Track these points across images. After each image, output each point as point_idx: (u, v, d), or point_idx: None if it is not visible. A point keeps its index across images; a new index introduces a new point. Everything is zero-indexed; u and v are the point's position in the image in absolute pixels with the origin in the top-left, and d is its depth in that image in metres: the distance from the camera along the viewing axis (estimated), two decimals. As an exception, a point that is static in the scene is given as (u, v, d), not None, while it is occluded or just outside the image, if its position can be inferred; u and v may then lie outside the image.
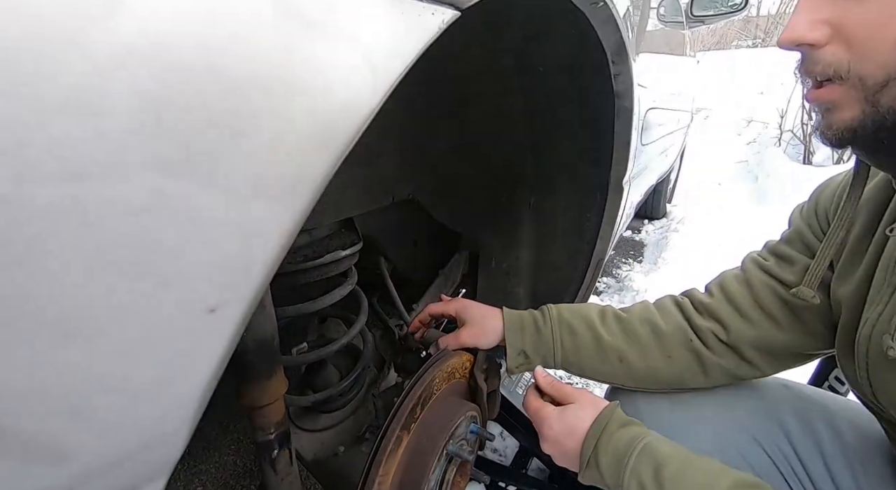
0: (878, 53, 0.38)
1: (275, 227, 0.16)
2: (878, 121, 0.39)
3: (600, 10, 0.48)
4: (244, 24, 0.15)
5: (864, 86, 0.39)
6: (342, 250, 0.66)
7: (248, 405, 0.51)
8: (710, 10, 2.06)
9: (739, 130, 4.74)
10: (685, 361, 0.65)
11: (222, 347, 0.16)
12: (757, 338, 0.61)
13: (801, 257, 0.60)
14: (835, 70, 0.40)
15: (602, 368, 0.68)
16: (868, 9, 0.38)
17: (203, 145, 0.15)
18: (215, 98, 0.15)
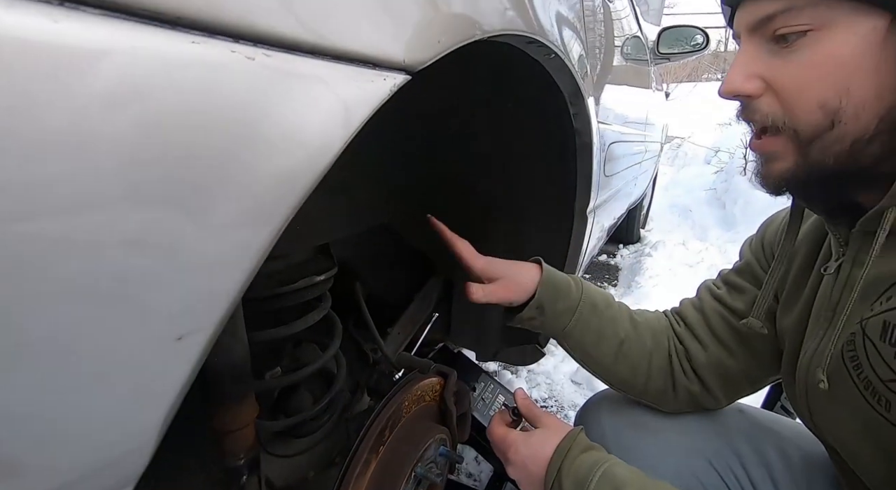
0: (805, 110, 0.41)
1: (244, 257, 0.19)
2: (808, 172, 0.42)
3: (554, 61, 0.53)
4: (219, 73, 0.17)
5: (797, 138, 0.42)
6: (317, 276, 0.67)
7: (218, 430, 0.51)
8: (674, 49, 2.20)
9: (709, 159, 4.95)
10: (662, 377, 0.68)
11: (187, 373, 0.18)
12: (713, 364, 0.65)
13: (750, 287, 0.64)
14: (772, 120, 0.43)
15: (596, 355, 0.69)
16: (794, 69, 0.41)
17: (181, 182, 0.17)
18: (193, 138, 0.17)
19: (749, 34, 0.43)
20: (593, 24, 0.88)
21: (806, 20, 0.39)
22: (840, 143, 0.40)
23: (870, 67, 0.38)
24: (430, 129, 0.79)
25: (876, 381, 0.42)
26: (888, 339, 0.41)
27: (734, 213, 3.45)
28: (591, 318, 0.68)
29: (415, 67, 0.26)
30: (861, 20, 0.37)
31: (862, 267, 0.44)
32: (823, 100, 0.40)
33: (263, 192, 0.19)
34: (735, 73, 0.44)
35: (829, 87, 0.39)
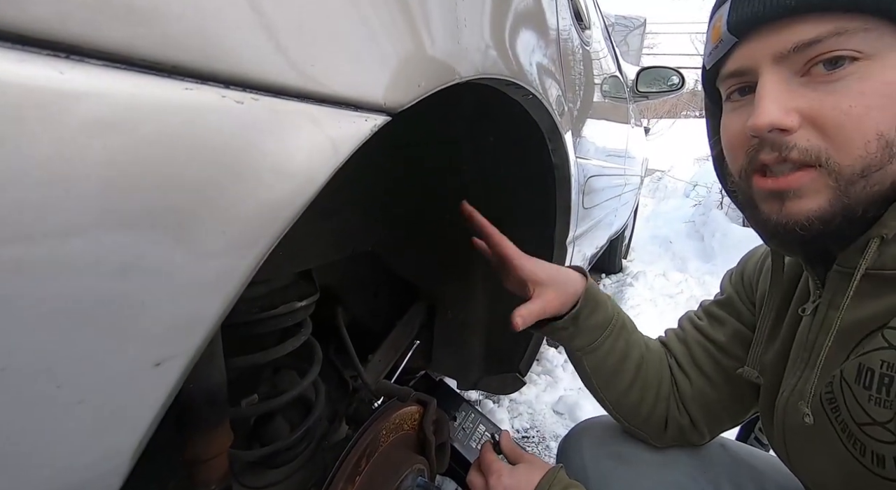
0: (859, 143, 0.37)
1: (225, 283, 0.20)
2: (836, 213, 0.39)
3: (531, 101, 0.56)
4: (209, 115, 0.19)
5: (839, 174, 0.38)
6: (298, 301, 0.68)
7: (190, 459, 0.50)
8: (652, 88, 2.31)
9: (687, 193, 5.11)
10: (665, 409, 0.68)
11: (163, 399, 0.18)
12: (697, 396, 0.66)
13: (731, 320, 0.65)
14: (815, 155, 0.38)
15: (608, 379, 0.67)
16: (847, 98, 0.37)
17: (166, 212, 0.17)
18: (182, 172, 0.18)
19: (774, 64, 0.39)
20: (572, 64, 0.93)
21: (855, 46, 0.36)
22: (882, 182, 0.37)
23: None
24: (415, 160, 0.82)
25: (852, 424, 0.42)
26: (863, 382, 0.41)
27: (712, 245, 3.55)
28: (620, 337, 0.66)
29: (395, 109, 0.28)
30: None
31: (838, 309, 0.43)
32: (882, 130, 0.36)
33: (247, 222, 0.20)
34: (770, 104, 0.38)
35: (889, 117, 0.36)
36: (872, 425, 0.40)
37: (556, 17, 0.75)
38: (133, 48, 0.16)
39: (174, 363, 0.18)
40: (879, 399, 0.39)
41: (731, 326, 0.64)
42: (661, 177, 6.06)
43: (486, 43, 0.43)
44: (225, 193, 0.19)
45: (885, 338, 0.40)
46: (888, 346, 0.39)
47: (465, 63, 0.38)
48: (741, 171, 0.44)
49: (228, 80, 0.19)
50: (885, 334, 0.40)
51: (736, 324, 0.64)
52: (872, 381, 0.40)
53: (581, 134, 0.96)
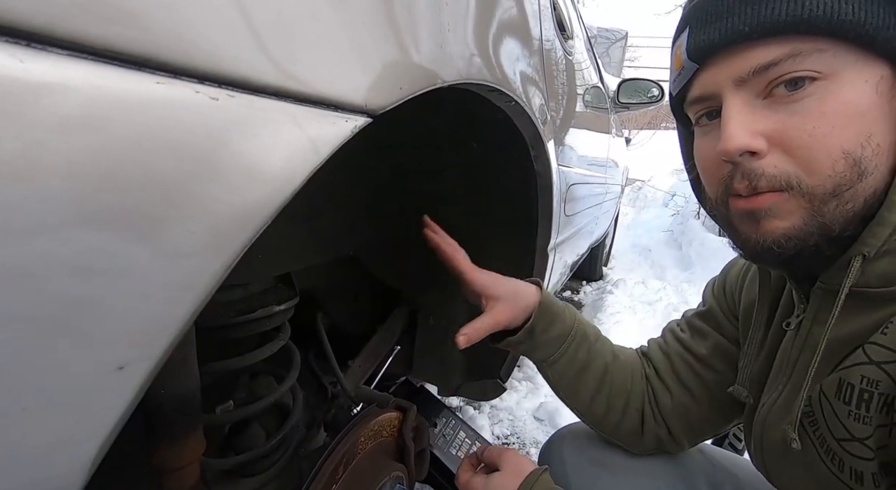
0: (827, 163, 0.37)
1: (195, 285, 0.19)
2: (810, 233, 0.39)
3: (514, 108, 0.56)
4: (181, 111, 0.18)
5: (811, 196, 0.38)
6: (276, 305, 0.66)
7: (160, 467, 0.49)
8: (632, 99, 2.36)
9: (666, 202, 5.22)
10: (633, 419, 0.68)
11: (126, 405, 0.17)
12: (678, 409, 0.66)
13: (713, 333, 0.65)
14: (785, 181, 0.38)
15: (575, 388, 0.68)
16: (809, 119, 0.37)
17: (133, 211, 0.17)
18: (150, 170, 0.17)
19: (735, 88, 0.39)
20: (555, 74, 0.94)
21: (812, 67, 0.36)
22: (854, 200, 0.38)
23: (882, 116, 0.36)
24: (397, 164, 0.81)
25: (830, 439, 0.42)
26: (843, 397, 0.41)
27: (689, 254, 3.62)
28: (580, 349, 0.66)
29: (376, 111, 0.28)
30: (866, 69, 0.36)
31: (822, 325, 0.43)
32: (848, 149, 0.36)
33: (220, 223, 0.19)
34: (736, 128, 0.39)
35: (852, 136, 0.36)
36: (851, 441, 0.40)
37: (540, 27, 0.76)
38: (100, 38, 0.15)
39: (139, 367, 0.17)
40: (859, 415, 0.39)
41: (713, 339, 0.64)
42: (641, 186, 6.19)
43: (469, 48, 0.43)
44: (197, 193, 0.18)
45: (865, 353, 0.40)
46: (869, 362, 0.39)
47: (448, 68, 0.38)
48: (717, 198, 0.45)
49: (203, 75, 0.18)
50: (865, 349, 0.40)
51: (717, 337, 0.64)
52: (852, 397, 0.40)
53: (563, 142, 0.97)
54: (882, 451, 0.38)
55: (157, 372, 0.18)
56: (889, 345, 0.38)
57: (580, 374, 0.67)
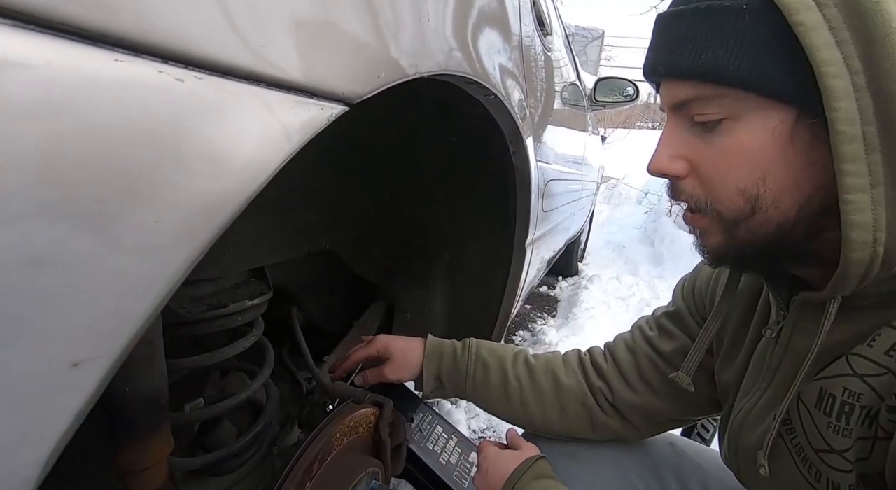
0: (726, 196, 0.40)
1: (156, 280, 0.18)
2: (738, 249, 0.42)
3: (493, 101, 0.56)
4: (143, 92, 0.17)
5: (721, 219, 0.41)
6: (249, 300, 0.65)
7: (124, 468, 0.47)
8: (609, 97, 2.39)
9: (640, 200, 5.34)
10: (577, 415, 0.70)
11: (80, 405, 0.16)
12: (638, 404, 0.67)
13: (680, 334, 0.66)
14: (696, 202, 0.42)
15: (505, 408, 0.73)
16: (714, 155, 0.40)
17: (91, 200, 0.16)
18: (109, 156, 0.16)
19: (671, 112, 0.43)
20: (534, 70, 0.94)
21: (717, 110, 0.39)
22: (765, 226, 0.40)
23: (782, 160, 0.38)
24: (375, 157, 0.80)
25: (808, 449, 0.42)
26: (823, 408, 0.41)
27: (661, 251, 3.72)
28: (485, 377, 0.73)
29: (353, 99, 0.27)
30: (770, 113, 0.37)
31: (802, 334, 0.44)
32: (742, 187, 0.39)
33: (185, 214, 0.18)
34: (661, 153, 0.43)
35: (746, 176, 0.39)
36: (830, 453, 0.40)
37: (520, 21, 0.76)
38: (51, 8, 0.14)
39: (95, 364, 0.16)
40: (839, 427, 0.40)
41: (680, 341, 0.65)
42: (616, 184, 6.31)
43: (448, 39, 0.43)
44: (160, 181, 0.17)
45: (849, 364, 0.40)
46: (853, 374, 0.39)
47: (427, 58, 0.38)
48: None
49: (167, 54, 0.17)
50: (850, 360, 0.40)
51: (684, 339, 0.65)
52: (833, 408, 0.40)
53: (541, 138, 0.98)
54: (861, 463, 0.38)
55: (117, 369, 0.17)
56: (874, 358, 0.38)
57: (499, 397, 0.73)
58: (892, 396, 0.36)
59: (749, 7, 0.35)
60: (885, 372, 0.37)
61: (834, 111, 0.34)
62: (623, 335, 0.74)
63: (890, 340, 0.38)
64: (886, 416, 0.36)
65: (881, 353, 0.38)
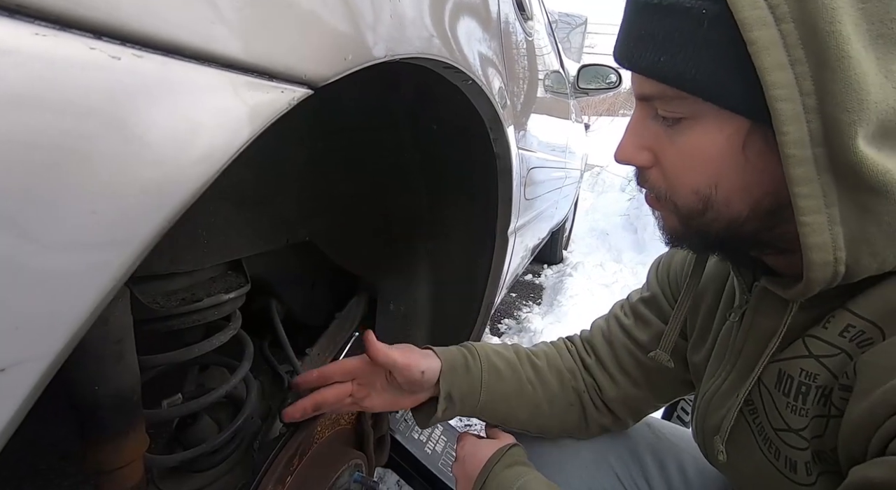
0: (683, 193, 0.41)
1: (90, 284, 0.17)
2: (694, 236, 0.43)
3: (472, 87, 0.55)
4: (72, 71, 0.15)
5: (677, 211, 0.42)
6: (225, 293, 0.63)
7: (96, 468, 0.46)
8: (592, 85, 2.39)
9: (623, 187, 5.38)
10: (577, 415, 0.70)
11: (10, 414, 0.15)
12: (622, 397, 0.68)
13: (655, 321, 0.66)
14: (656, 193, 0.43)
15: (518, 414, 0.68)
16: (675, 152, 0.41)
17: (13, 192, 0.14)
18: (31, 142, 0.14)
19: (639, 101, 0.43)
20: (515, 56, 0.93)
21: (677, 109, 0.39)
22: (717, 222, 0.41)
23: (735, 165, 0.38)
24: (354, 146, 0.78)
25: (769, 428, 0.43)
26: (782, 388, 0.42)
27: (644, 238, 3.77)
28: (498, 386, 0.67)
29: (317, 82, 0.26)
30: (725, 120, 0.37)
31: (764, 317, 0.45)
32: (696, 187, 0.40)
33: (123, 206, 0.17)
34: (627, 142, 0.44)
35: (700, 177, 0.40)
36: (788, 432, 0.42)
37: (498, 5, 0.74)
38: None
39: (24, 368, 0.15)
40: (796, 407, 0.41)
41: (656, 328, 0.65)
42: (600, 172, 6.34)
43: (422, 21, 0.41)
44: (93, 168, 0.16)
45: (805, 346, 0.41)
46: (808, 355, 0.41)
47: (399, 40, 0.36)
48: None
49: (100, 29, 0.16)
50: (805, 342, 0.41)
51: (660, 325, 0.65)
52: (791, 389, 0.41)
53: (523, 126, 0.97)
54: (816, 441, 0.40)
55: (54, 373, 0.16)
56: (829, 339, 0.39)
57: (510, 406, 0.68)
58: (845, 375, 0.37)
59: (708, 13, 0.34)
60: (839, 352, 0.38)
61: (783, 135, 0.33)
62: (599, 323, 0.74)
63: (843, 322, 0.38)
64: (839, 394, 0.37)
65: (835, 335, 0.39)
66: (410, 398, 0.66)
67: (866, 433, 0.33)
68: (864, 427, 0.34)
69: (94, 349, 0.41)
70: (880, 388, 0.33)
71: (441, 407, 0.64)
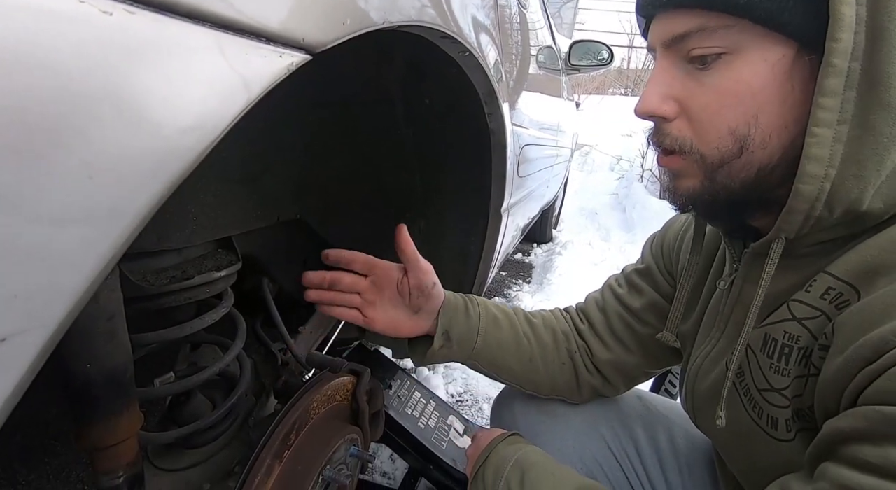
0: (715, 137, 0.40)
1: (89, 254, 0.16)
2: (714, 194, 0.42)
3: (468, 58, 0.53)
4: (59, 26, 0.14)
5: (703, 162, 0.41)
6: (216, 271, 0.62)
7: (90, 446, 0.45)
8: (583, 61, 2.36)
9: (612, 166, 5.39)
10: (569, 374, 0.72)
11: (12, 385, 0.14)
12: (613, 361, 0.70)
13: (648, 289, 0.68)
14: (680, 145, 0.42)
15: (512, 364, 0.71)
16: (708, 94, 0.40)
17: (8, 164, 0.14)
18: (13, 107, 0.14)
19: (664, 50, 0.42)
20: (510, 31, 0.91)
21: (719, 43, 0.38)
22: (746, 170, 0.40)
23: (777, 97, 0.38)
24: (347, 121, 0.77)
25: (753, 389, 0.45)
26: (767, 351, 0.44)
27: (633, 216, 3.80)
28: (495, 333, 0.70)
29: (315, 48, 0.25)
30: (771, 47, 0.37)
31: (752, 284, 0.46)
32: (734, 127, 0.39)
33: (119, 173, 0.16)
34: (651, 92, 0.42)
35: (739, 115, 0.39)
36: (771, 391, 0.43)
37: (494, -25, 0.72)
38: None
39: (25, 339, 0.14)
40: (779, 367, 0.43)
41: (649, 296, 0.68)
42: (590, 151, 6.33)
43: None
44: (86, 136, 0.15)
45: (789, 309, 0.43)
46: (791, 318, 0.42)
47: (397, 8, 0.35)
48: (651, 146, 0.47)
49: (88, -19, 0.15)
50: (790, 306, 0.43)
51: (653, 294, 0.67)
52: (775, 351, 0.43)
53: (517, 102, 0.96)
54: (796, 400, 0.42)
55: (54, 346, 0.15)
56: (811, 302, 0.41)
57: (504, 354, 0.70)
58: (824, 336, 0.38)
59: None
60: (819, 314, 0.40)
61: (835, 41, 0.34)
62: (594, 294, 0.76)
63: (825, 285, 0.40)
64: (818, 354, 0.39)
65: (817, 298, 0.40)
66: (410, 322, 0.69)
67: (840, 387, 0.35)
68: (839, 381, 0.35)
69: (86, 327, 0.41)
70: (853, 345, 0.34)
71: (438, 342, 0.67)
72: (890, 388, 0.31)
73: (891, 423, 0.30)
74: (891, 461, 0.30)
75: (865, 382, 0.33)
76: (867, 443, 0.31)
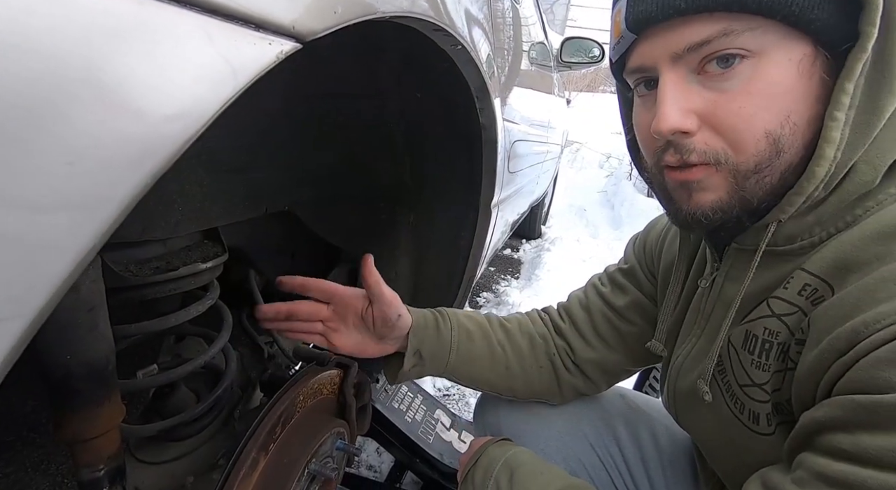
0: (751, 142, 0.39)
1: (69, 242, 0.15)
2: (732, 206, 0.41)
3: (460, 52, 0.53)
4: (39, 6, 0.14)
5: (736, 171, 0.40)
6: (202, 262, 0.61)
7: (70, 438, 0.45)
8: (575, 58, 2.36)
9: (601, 164, 5.43)
10: (548, 377, 0.73)
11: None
12: (596, 359, 0.71)
13: (632, 289, 0.69)
14: (712, 157, 0.40)
15: (488, 375, 0.72)
16: (736, 98, 0.38)
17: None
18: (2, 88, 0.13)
19: (671, 64, 0.40)
20: (502, 26, 0.90)
21: (743, 44, 0.37)
22: (771, 174, 0.40)
23: (804, 95, 0.38)
24: (336, 113, 0.76)
25: (735, 385, 0.46)
26: (748, 347, 0.44)
27: (621, 214, 3.84)
28: (468, 347, 0.70)
29: (306, 36, 0.24)
30: (793, 46, 0.37)
31: (733, 282, 0.47)
32: (770, 129, 0.38)
33: (101, 159, 0.16)
34: (671, 108, 0.39)
35: (774, 116, 0.38)
36: (752, 387, 0.44)
37: (488, -32, 0.71)
38: None
39: (2, 327, 0.14)
40: (760, 363, 0.44)
41: (633, 295, 0.68)
42: (579, 148, 6.37)
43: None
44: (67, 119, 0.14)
45: (769, 306, 0.43)
46: (771, 315, 0.43)
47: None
48: (653, 166, 0.46)
49: (69, -41, 0.14)
50: (769, 303, 0.43)
51: (637, 294, 0.68)
52: (755, 347, 0.44)
53: (508, 97, 0.96)
54: (776, 394, 0.43)
55: (32, 334, 0.15)
56: (789, 298, 0.42)
57: (480, 367, 0.71)
58: (801, 331, 0.39)
59: None
60: (796, 310, 0.41)
61: (872, 26, 0.35)
62: (577, 293, 0.77)
63: (801, 282, 0.41)
64: (795, 349, 0.40)
65: (794, 294, 0.41)
66: (377, 345, 0.68)
67: (815, 379, 0.36)
68: (814, 373, 0.36)
69: (66, 317, 0.40)
70: (827, 338, 0.35)
71: (409, 362, 0.67)
72: (862, 378, 0.32)
73: (864, 411, 0.31)
74: (863, 448, 0.31)
75: (839, 373, 0.34)
76: (841, 431, 0.32)
